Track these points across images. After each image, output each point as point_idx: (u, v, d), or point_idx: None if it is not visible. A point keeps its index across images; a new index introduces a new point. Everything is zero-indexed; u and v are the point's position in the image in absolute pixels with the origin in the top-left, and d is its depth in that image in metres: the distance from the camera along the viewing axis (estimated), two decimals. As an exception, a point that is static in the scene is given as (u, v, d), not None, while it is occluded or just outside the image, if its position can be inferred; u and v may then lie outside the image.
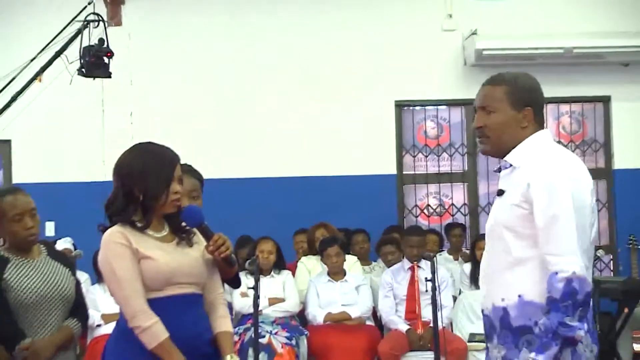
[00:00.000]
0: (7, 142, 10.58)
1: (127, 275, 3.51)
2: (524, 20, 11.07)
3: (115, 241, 3.54)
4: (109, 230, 3.64)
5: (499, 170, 3.59)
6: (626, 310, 7.73)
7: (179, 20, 10.77)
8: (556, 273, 3.08)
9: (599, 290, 8.16)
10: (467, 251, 9.77)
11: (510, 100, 3.36)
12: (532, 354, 3.14)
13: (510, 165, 3.43)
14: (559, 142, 11.42)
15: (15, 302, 4.40)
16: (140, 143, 3.68)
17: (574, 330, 3.04)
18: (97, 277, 7.54)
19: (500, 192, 3.48)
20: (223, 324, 3.80)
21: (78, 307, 4.73)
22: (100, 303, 7.73)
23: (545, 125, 3.61)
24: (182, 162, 3.61)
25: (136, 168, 3.59)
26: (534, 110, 3.40)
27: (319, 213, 10.04)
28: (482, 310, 3.59)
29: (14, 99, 8.26)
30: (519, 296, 3.25)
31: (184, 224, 3.78)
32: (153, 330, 3.48)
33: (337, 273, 8.49)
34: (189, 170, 4.11)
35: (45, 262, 4.60)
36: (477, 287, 8.96)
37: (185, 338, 3.63)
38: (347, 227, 9.87)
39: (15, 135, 10.31)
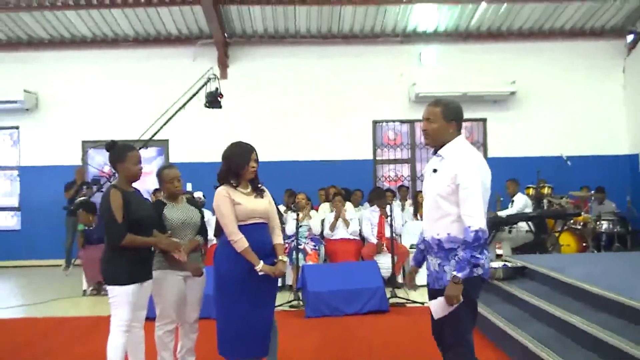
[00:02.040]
0: (166, 141, 14.80)
1: (227, 212, 5.15)
2: (442, 77, 14.96)
3: (221, 194, 5.20)
4: (218, 189, 5.26)
5: (434, 153, 4.44)
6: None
7: (256, 75, 15.12)
8: (470, 227, 4.10)
9: None
10: (410, 200, 13.89)
11: (443, 115, 4.34)
12: (454, 272, 4.16)
13: (441, 156, 4.36)
14: None
15: (168, 226, 5.79)
16: (234, 142, 5.45)
17: (479, 260, 4.15)
18: (213, 213, 8.45)
19: (435, 170, 4.41)
20: (277, 239, 5.43)
21: (202, 229, 6.05)
22: (214, 227, 8.64)
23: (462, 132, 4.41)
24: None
25: (231, 155, 5.32)
26: (456, 123, 4.36)
27: (332, 179, 13.98)
28: (424, 238, 4.54)
29: (170, 118, 10.80)
30: (448, 234, 4.26)
31: (259, 185, 5.47)
32: (240, 242, 5.10)
33: (339, 210, 11.50)
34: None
35: (184, 205, 5.99)
36: (416, 218, 12.20)
37: (258, 245, 5.23)
38: (348, 187, 13.60)
39: (171, 136, 14.66)
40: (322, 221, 11.90)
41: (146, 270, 5.61)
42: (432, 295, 4.45)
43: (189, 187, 13.66)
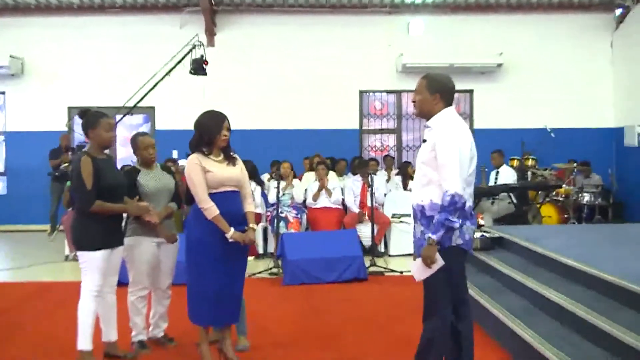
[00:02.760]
0: (152, 108, 14.78)
1: (197, 180, 5.18)
2: (429, 48, 14.89)
3: (192, 162, 5.22)
4: (190, 156, 5.30)
5: (426, 126, 4.53)
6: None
7: (244, 44, 15.06)
8: (446, 191, 4.19)
9: None
10: (397, 170, 13.79)
11: (427, 88, 4.45)
12: (429, 233, 4.27)
13: (429, 126, 4.46)
14: None
15: (142, 192, 5.84)
16: (207, 110, 5.46)
17: (453, 223, 4.20)
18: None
19: (424, 141, 4.52)
20: (249, 207, 5.48)
21: (175, 196, 6.12)
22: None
23: (452, 104, 4.52)
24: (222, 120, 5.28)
25: (203, 123, 5.32)
26: (441, 95, 4.43)
27: (318, 148, 14.01)
28: (412, 205, 4.60)
29: (155, 85, 10.99)
30: (430, 200, 4.34)
31: (231, 153, 5.44)
32: (210, 210, 5.14)
33: (320, 179, 11.64)
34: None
35: (158, 172, 6.05)
36: (403, 189, 12.33)
37: (229, 213, 5.24)
38: (334, 156, 13.74)
39: (157, 103, 14.56)
40: (306, 190, 12.02)
41: (117, 236, 5.65)
42: None
43: (174, 154, 13.79)
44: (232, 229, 5.26)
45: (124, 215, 5.89)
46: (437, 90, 4.50)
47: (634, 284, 5.27)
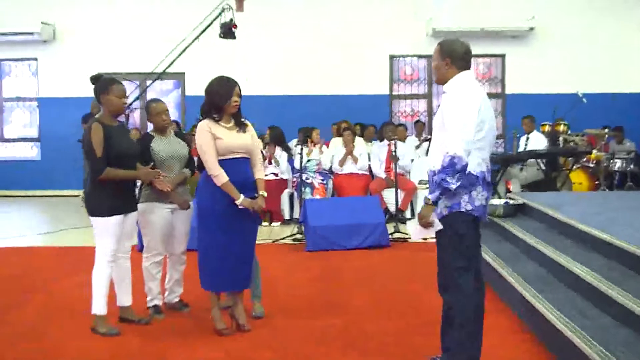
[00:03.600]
0: (182, 74, 14.91)
1: (207, 146, 5.20)
2: (460, 12, 14.61)
3: (202, 128, 5.23)
4: (200, 123, 5.30)
5: (443, 92, 4.43)
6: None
7: (273, 9, 14.95)
8: (446, 153, 4.09)
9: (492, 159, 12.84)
10: (428, 135, 13.44)
11: (439, 54, 4.41)
12: (427, 194, 4.29)
13: (444, 92, 4.40)
14: (476, 78, 16.05)
15: (155, 159, 5.79)
16: (217, 76, 5.43)
17: (449, 184, 4.08)
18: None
19: (439, 106, 4.46)
20: (259, 174, 5.48)
21: (189, 162, 6.08)
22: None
23: (469, 68, 4.44)
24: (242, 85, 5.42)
25: (214, 89, 5.30)
26: (451, 60, 4.35)
27: (347, 114, 13.88)
28: (427, 170, 4.55)
29: (184, 50, 10.86)
30: (441, 165, 4.16)
31: (242, 119, 5.43)
32: (220, 177, 5.14)
33: (348, 145, 11.65)
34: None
35: (172, 138, 6.01)
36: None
37: (239, 180, 5.26)
38: (363, 122, 13.76)
39: (187, 69, 14.46)
40: (333, 156, 12.03)
41: (130, 202, 5.68)
42: None
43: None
44: (242, 196, 5.30)
45: (138, 181, 5.95)
46: (448, 55, 4.43)
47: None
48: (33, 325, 5.83)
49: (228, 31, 11.52)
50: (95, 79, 5.64)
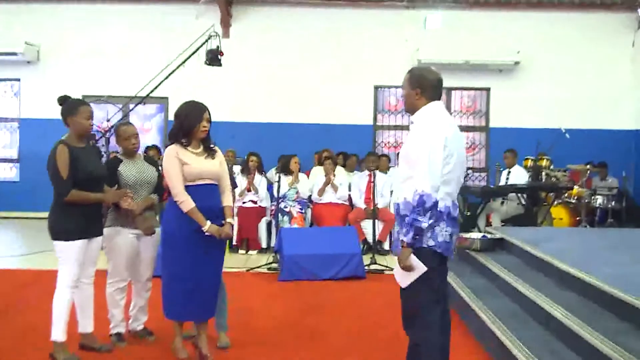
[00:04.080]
0: (166, 98, 14.54)
1: (173, 172, 5.14)
2: (446, 44, 14.61)
3: (169, 153, 5.17)
4: (167, 148, 5.25)
5: (410, 122, 4.38)
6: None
7: (259, 36, 14.92)
8: (415, 190, 4.01)
9: (468, 191, 11.24)
10: None
11: (409, 82, 4.32)
12: (401, 235, 4.14)
13: (412, 122, 4.35)
14: (460, 111, 14.86)
15: (122, 183, 5.74)
16: (187, 100, 5.39)
17: (420, 223, 4.00)
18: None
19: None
20: (226, 201, 5.40)
21: (158, 188, 5.98)
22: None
23: (440, 98, 4.38)
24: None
25: (183, 113, 5.25)
26: (421, 90, 4.27)
27: (331, 143, 13.81)
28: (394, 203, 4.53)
29: (169, 75, 10.85)
30: (404, 198, 4.14)
31: (211, 145, 5.37)
32: (186, 203, 5.09)
33: (327, 175, 11.62)
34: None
35: (141, 162, 5.92)
36: None
37: (206, 206, 5.18)
38: (346, 151, 13.59)
39: (171, 94, 13.80)
40: (313, 185, 12.03)
41: (95, 226, 5.58)
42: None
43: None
44: (209, 222, 5.21)
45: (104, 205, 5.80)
46: (418, 84, 4.35)
47: (622, 291, 5.18)
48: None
49: (214, 58, 11.64)
50: (62, 100, 5.64)
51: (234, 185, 5.98)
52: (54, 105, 14.20)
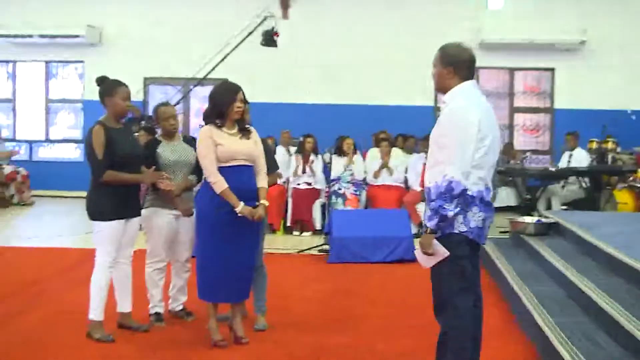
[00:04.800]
0: (225, 80, 15.96)
1: (206, 153, 5.13)
2: (509, 23, 14.41)
3: (203, 134, 5.16)
4: (202, 128, 5.26)
5: (443, 102, 4.19)
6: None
7: (318, 17, 14.93)
8: (444, 175, 3.87)
9: (527, 174, 11.33)
10: None
11: (441, 61, 4.16)
12: (425, 220, 4.05)
13: (444, 102, 4.16)
14: (523, 92, 14.71)
15: (161, 164, 5.73)
16: (221, 81, 5.57)
17: (446, 211, 3.87)
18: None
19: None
20: (261, 182, 5.35)
21: (197, 169, 5.84)
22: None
23: (473, 77, 4.20)
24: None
25: (216, 93, 5.27)
26: (455, 68, 4.12)
27: (390, 124, 13.66)
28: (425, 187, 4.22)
29: (225, 57, 11.21)
30: (436, 182, 3.95)
31: (247, 125, 5.38)
32: (218, 184, 5.06)
33: (385, 156, 11.57)
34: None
35: (180, 144, 5.94)
36: None
37: (240, 188, 5.15)
38: (404, 133, 13.41)
39: (230, 75, 14.61)
40: (367, 167, 11.98)
41: (132, 207, 5.63)
42: None
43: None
44: (242, 203, 5.19)
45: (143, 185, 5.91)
46: (450, 62, 4.16)
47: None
48: (34, 328, 5.89)
49: (270, 39, 11.72)
50: (101, 81, 5.67)
51: (275, 167, 5.94)
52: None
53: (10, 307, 6.52)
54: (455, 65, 4.17)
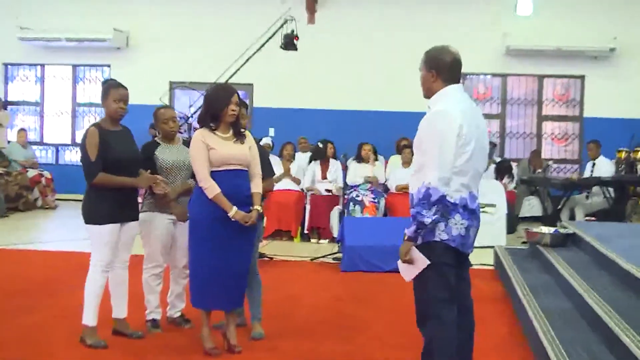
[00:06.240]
0: (251, 85, 14.90)
1: (198, 157, 5.07)
2: (537, 29, 14.13)
3: (196, 138, 5.09)
4: (195, 132, 5.19)
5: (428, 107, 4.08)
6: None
7: (344, 22, 14.85)
8: (423, 182, 3.80)
9: (549, 183, 11.22)
10: (497, 159, 13.02)
11: (425, 64, 4.12)
12: (405, 229, 3.93)
13: (428, 107, 4.08)
14: (552, 99, 14.43)
15: (159, 167, 5.70)
16: (217, 83, 5.29)
17: (423, 218, 3.76)
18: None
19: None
20: (256, 187, 5.25)
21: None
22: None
23: (459, 81, 4.15)
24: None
25: (210, 96, 5.20)
26: (437, 72, 4.05)
27: (408, 132, 12.60)
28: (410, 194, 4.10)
29: (247, 61, 11.05)
30: (418, 188, 3.89)
31: (242, 129, 5.27)
32: (210, 189, 4.99)
33: (406, 163, 11.47)
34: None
35: (179, 147, 5.88)
36: (495, 179, 11.73)
37: (233, 193, 5.06)
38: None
39: (255, 80, 14.67)
40: (389, 173, 11.95)
41: (129, 211, 5.55)
42: None
43: (271, 132, 14.11)
44: (235, 208, 5.10)
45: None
46: (432, 66, 4.12)
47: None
48: (30, 330, 5.87)
49: (290, 42, 11.70)
50: (103, 83, 5.68)
51: (271, 172, 5.84)
52: (142, 90, 14.62)
53: (17, 305, 6.59)
54: (437, 68, 4.10)
